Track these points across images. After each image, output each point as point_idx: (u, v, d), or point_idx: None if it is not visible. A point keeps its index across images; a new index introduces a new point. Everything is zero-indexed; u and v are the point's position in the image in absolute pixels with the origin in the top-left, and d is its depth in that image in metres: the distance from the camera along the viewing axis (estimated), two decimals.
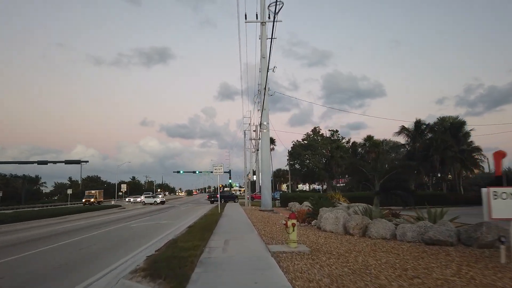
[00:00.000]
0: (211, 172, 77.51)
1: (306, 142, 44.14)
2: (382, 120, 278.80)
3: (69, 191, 71.20)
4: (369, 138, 42.05)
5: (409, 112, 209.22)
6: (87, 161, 61.93)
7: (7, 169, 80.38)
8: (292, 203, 28.50)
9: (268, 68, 25.99)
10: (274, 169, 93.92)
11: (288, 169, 43.84)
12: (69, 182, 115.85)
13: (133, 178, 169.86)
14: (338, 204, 17.19)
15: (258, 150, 40.81)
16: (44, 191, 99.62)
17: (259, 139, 37.14)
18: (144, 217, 24.69)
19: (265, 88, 25.43)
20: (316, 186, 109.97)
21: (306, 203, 25.66)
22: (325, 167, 38.92)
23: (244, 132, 32.76)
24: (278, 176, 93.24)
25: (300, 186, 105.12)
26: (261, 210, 25.55)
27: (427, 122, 43.45)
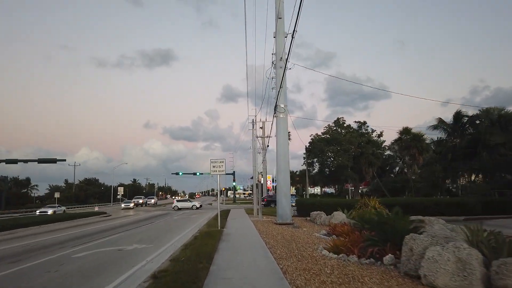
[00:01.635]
0: (212, 174, 70.98)
1: (327, 136, 35.14)
2: (386, 123, 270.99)
3: (57, 195, 64.81)
4: (406, 131, 34.62)
5: (414, 114, 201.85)
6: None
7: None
8: (316, 213, 21.61)
9: (287, 33, 19.25)
10: None
11: (306, 168, 36.63)
12: (64, 185, 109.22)
13: (134, 180, 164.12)
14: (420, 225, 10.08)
15: (264, 148, 34.31)
16: (35, 195, 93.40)
17: (268, 136, 30.32)
18: (113, 234, 17.83)
19: (284, 59, 18.65)
20: (327, 189, 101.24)
21: (340, 214, 18.77)
22: (353, 166, 31.97)
23: (253, 121, 25.95)
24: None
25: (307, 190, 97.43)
26: (277, 224, 18.67)
27: (468, 114, 36.21)
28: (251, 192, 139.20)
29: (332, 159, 32.97)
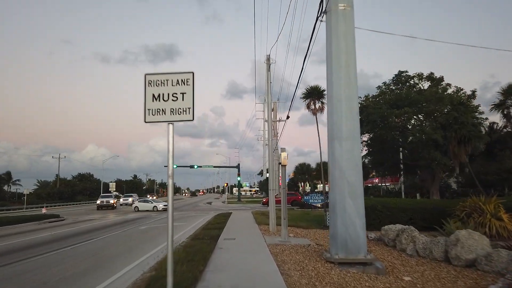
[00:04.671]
0: (213, 167, 59.51)
1: (387, 97, 21.98)
2: None
3: (26, 191, 54.37)
4: None
5: None
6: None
7: None
8: (395, 228, 10.85)
9: None
10: (297, 164, 75.00)
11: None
12: (52, 180, 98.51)
13: (135, 176, 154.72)
14: None
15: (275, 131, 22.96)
16: (18, 191, 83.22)
17: (279, 120, 19.11)
18: None
19: None
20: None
21: (474, 238, 7.79)
22: (438, 145, 19.84)
23: (269, 66, 14.72)
24: (302, 173, 73.86)
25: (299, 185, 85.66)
26: (333, 262, 7.58)
27: None
28: (258, 189, 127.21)
29: (404, 130, 20.96)
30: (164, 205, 37.04)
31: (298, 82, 11.70)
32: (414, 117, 20.14)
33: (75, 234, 16.13)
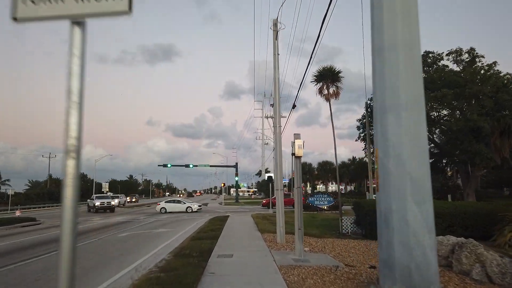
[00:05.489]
0: (210, 166, 56.42)
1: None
2: None
3: (11, 192, 51.23)
4: None
5: None
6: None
7: None
8: (456, 245, 7.89)
9: None
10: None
11: (367, 143, 20.63)
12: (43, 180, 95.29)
13: (131, 177, 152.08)
14: None
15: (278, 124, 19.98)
16: (6, 191, 79.76)
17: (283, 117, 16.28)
18: None
19: None
20: (331, 187, 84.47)
21: None
22: (479, 136, 16.50)
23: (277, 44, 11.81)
24: (303, 173, 70.42)
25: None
26: None
27: None
28: (256, 190, 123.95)
29: (444, 116, 17.62)
30: (199, 206, 33.87)
31: (311, 58, 9.06)
32: (453, 102, 16.81)
33: (38, 244, 13.17)
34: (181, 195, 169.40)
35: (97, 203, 35.87)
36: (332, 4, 8.01)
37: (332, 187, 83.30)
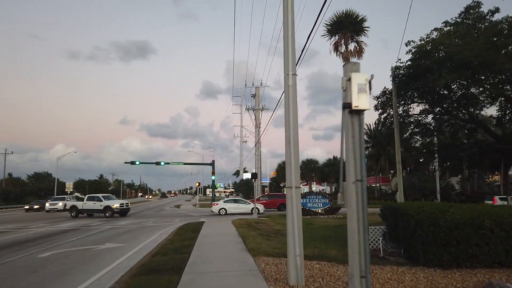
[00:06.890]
0: (184, 163, 51.21)
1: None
2: None
3: None
4: None
5: None
6: None
7: None
8: None
9: None
10: (280, 162, 66.35)
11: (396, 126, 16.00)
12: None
13: (101, 176, 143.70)
14: None
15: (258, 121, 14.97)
16: None
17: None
18: None
19: None
20: (317, 186, 77.94)
21: None
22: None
23: None
24: (309, 170, 62.56)
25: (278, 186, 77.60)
26: None
27: None
28: (233, 190, 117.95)
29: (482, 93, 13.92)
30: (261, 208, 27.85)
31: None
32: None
33: None
34: (150, 197, 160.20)
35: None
36: None
37: (314, 188, 78.98)
